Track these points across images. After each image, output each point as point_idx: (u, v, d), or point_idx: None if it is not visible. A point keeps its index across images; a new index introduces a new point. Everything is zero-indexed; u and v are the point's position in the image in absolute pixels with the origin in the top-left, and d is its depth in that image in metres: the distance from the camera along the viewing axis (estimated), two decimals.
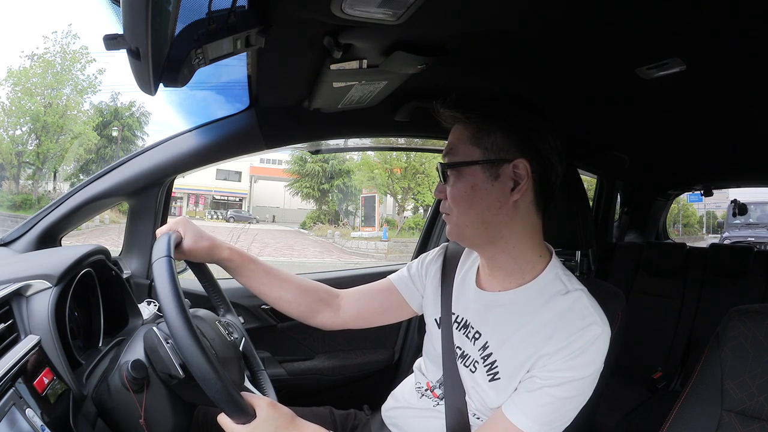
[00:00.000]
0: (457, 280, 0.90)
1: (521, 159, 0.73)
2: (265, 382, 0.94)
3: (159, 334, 0.73)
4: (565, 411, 0.72)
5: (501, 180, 0.73)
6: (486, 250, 0.80)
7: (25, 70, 14.77)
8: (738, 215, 3.71)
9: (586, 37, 0.93)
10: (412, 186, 16.87)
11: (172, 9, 0.60)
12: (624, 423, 1.67)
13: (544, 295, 0.76)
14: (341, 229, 17.20)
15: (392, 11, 0.76)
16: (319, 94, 1.11)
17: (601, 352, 0.72)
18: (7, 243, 1.13)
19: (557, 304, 0.74)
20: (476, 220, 0.75)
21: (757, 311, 0.84)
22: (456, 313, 0.86)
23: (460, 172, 0.75)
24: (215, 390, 0.63)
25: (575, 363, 0.70)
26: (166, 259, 0.71)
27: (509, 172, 0.73)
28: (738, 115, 1.40)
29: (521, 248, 0.77)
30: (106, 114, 17.38)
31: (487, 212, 0.74)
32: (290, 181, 21.04)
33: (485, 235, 0.76)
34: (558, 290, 0.76)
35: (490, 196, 0.74)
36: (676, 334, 2.10)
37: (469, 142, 0.75)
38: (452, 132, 0.79)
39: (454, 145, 0.77)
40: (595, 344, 0.70)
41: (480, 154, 0.74)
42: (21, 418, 0.60)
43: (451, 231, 0.78)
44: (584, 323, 0.71)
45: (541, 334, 0.72)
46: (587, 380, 0.71)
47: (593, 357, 0.71)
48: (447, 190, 0.76)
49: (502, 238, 0.76)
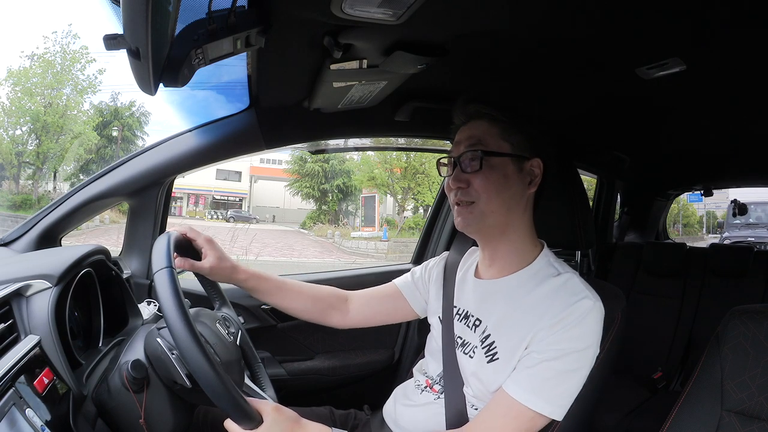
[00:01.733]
0: (458, 278, 0.95)
1: (536, 158, 0.83)
2: (263, 376, 0.94)
3: (162, 344, 0.73)
4: (567, 386, 0.74)
5: (523, 174, 0.83)
6: (494, 238, 0.85)
7: (25, 70, 14.76)
8: (738, 215, 3.71)
9: (587, 37, 0.93)
10: (412, 186, 16.87)
11: (172, 9, 0.60)
12: (624, 423, 1.67)
13: (537, 278, 0.82)
14: (341, 229, 17.19)
15: (392, 11, 0.76)
16: (319, 94, 1.11)
17: (596, 326, 0.75)
18: (7, 243, 1.13)
19: (550, 284, 0.80)
20: (502, 207, 0.81)
21: (757, 311, 0.84)
22: (458, 306, 0.91)
23: (494, 163, 0.81)
24: (223, 399, 0.64)
25: (571, 334, 0.73)
26: (167, 270, 0.71)
27: (528, 169, 0.83)
28: (738, 115, 1.40)
29: (523, 238, 0.85)
30: (106, 114, 17.36)
31: (511, 200, 0.82)
32: (290, 181, 21.04)
33: (503, 224, 0.83)
34: (550, 273, 0.82)
35: (516, 186, 0.82)
36: (676, 334, 2.10)
37: (500, 137, 0.82)
38: (474, 126, 0.84)
39: (482, 137, 0.82)
40: (589, 317, 0.74)
41: (510, 149, 0.82)
42: (21, 418, 0.60)
43: (472, 219, 0.82)
44: (576, 298, 0.75)
45: (535, 312, 0.76)
46: (585, 353, 0.74)
47: (588, 330, 0.74)
48: (473, 179, 0.81)
49: (512, 227, 0.84)
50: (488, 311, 0.84)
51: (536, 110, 1.41)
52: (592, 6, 0.81)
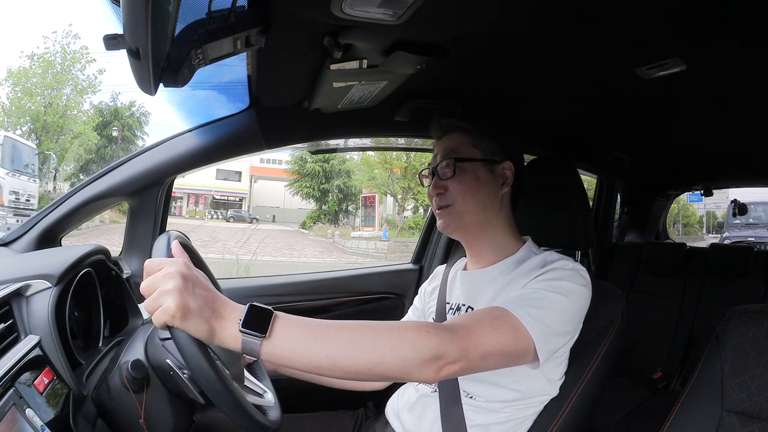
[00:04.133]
0: (450, 278, 1.01)
1: (508, 161, 0.93)
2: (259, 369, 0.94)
3: (172, 364, 0.74)
4: (551, 311, 0.74)
5: (495, 176, 0.92)
6: (475, 236, 0.93)
7: (25, 70, 14.77)
8: (738, 215, 3.71)
9: (587, 38, 0.93)
10: (412, 186, 16.86)
11: (172, 9, 0.60)
12: (624, 423, 1.67)
13: (520, 262, 0.89)
14: (341, 229, 17.20)
15: (392, 11, 0.76)
16: (319, 94, 1.11)
17: (579, 286, 0.78)
18: (7, 243, 1.13)
19: (531, 260, 0.87)
20: (477, 207, 0.90)
21: (757, 311, 0.84)
22: (450, 302, 0.96)
23: (466, 168, 0.90)
24: (237, 416, 0.64)
25: (554, 282, 0.77)
26: None
27: (500, 171, 0.92)
28: (738, 115, 1.40)
29: (504, 234, 0.93)
30: (106, 114, 17.36)
31: (486, 200, 0.90)
32: (290, 181, 21.04)
33: (481, 221, 0.91)
34: (532, 254, 0.90)
35: (489, 187, 0.91)
36: (676, 334, 2.10)
37: (471, 145, 0.92)
38: (449, 139, 0.94)
39: (455, 147, 0.92)
40: (571, 275, 0.79)
41: (481, 154, 0.92)
42: (21, 418, 0.60)
43: (451, 219, 0.91)
44: (555, 258, 0.84)
45: (518, 281, 0.82)
46: (570, 300, 0.76)
47: (571, 285, 0.77)
48: (449, 184, 0.90)
49: (490, 224, 0.92)
50: (477, 297, 0.89)
51: (536, 110, 1.41)
52: (592, 6, 0.81)
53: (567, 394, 0.85)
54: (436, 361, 0.63)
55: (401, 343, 0.63)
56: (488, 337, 0.68)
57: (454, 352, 0.64)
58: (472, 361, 0.66)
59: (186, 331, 0.58)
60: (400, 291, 1.72)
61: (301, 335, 0.61)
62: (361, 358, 0.61)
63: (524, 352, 0.71)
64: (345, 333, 0.63)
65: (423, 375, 0.63)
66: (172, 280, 0.58)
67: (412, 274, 1.78)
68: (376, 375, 0.63)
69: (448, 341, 0.64)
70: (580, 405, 0.85)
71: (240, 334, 0.59)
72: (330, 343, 0.61)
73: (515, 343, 0.70)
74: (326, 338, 0.61)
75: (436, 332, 0.65)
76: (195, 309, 0.58)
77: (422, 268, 1.80)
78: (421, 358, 0.62)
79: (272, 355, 0.59)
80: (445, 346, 0.64)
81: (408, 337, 0.63)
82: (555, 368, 0.83)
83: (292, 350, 0.60)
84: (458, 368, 0.65)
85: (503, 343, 0.69)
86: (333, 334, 0.62)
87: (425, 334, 0.64)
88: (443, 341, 0.64)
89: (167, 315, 0.57)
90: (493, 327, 0.69)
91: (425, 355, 0.62)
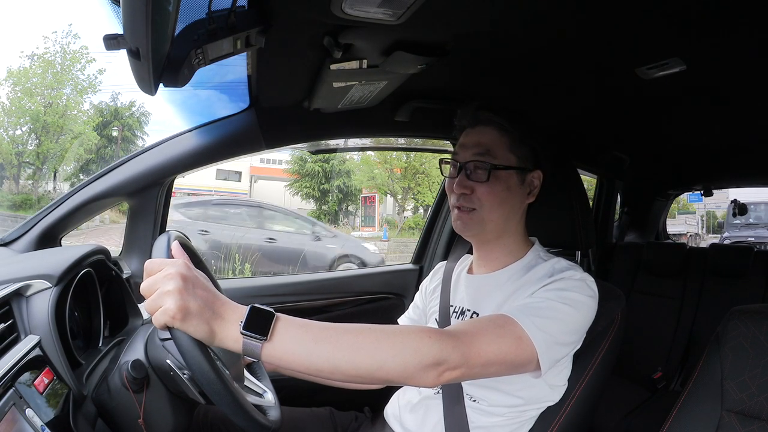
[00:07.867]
0: (453, 280, 0.98)
1: (538, 171, 0.88)
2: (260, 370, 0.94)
3: (173, 365, 0.73)
4: (557, 321, 0.73)
5: (524, 186, 0.87)
6: (490, 241, 0.90)
7: (25, 70, 14.74)
8: (738, 215, 3.71)
9: (587, 38, 0.93)
10: (412, 186, 16.86)
11: (172, 9, 0.60)
12: (624, 423, 1.67)
13: (527, 267, 0.87)
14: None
15: (392, 11, 0.76)
16: (319, 94, 1.11)
17: (586, 297, 0.76)
18: (7, 243, 1.13)
19: (539, 267, 0.85)
20: (502, 216, 0.86)
21: (757, 311, 0.84)
22: (453, 305, 0.93)
23: (500, 175, 0.84)
24: (238, 416, 0.63)
25: (562, 292, 0.75)
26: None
27: (529, 180, 0.87)
28: (738, 115, 1.40)
29: (516, 241, 0.90)
30: (106, 114, 17.33)
31: (511, 210, 0.87)
32: (290, 181, 21.03)
33: (501, 230, 0.88)
34: (540, 260, 0.87)
35: (517, 198, 0.86)
36: (676, 334, 2.10)
37: (508, 149, 0.85)
38: (483, 133, 0.86)
39: (491, 147, 0.84)
40: (579, 286, 0.77)
41: (516, 161, 0.85)
42: (21, 418, 0.60)
43: (473, 224, 0.85)
44: (564, 266, 0.81)
45: (525, 289, 0.80)
46: (576, 310, 0.75)
47: (579, 296, 0.76)
48: (478, 188, 0.84)
49: (507, 232, 0.89)
50: (483, 303, 0.87)
51: (536, 110, 1.41)
52: (592, 6, 0.81)
53: (567, 395, 0.85)
54: (437, 367, 0.63)
55: (403, 348, 0.62)
56: (491, 345, 0.68)
57: (456, 358, 0.64)
58: (473, 368, 0.66)
59: (186, 332, 0.58)
60: (400, 291, 1.72)
61: (302, 338, 0.61)
62: (363, 362, 0.61)
63: (527, 361, 0.71)
64: (346, 337, 0.62)
65: (423, 380, 0.63)
66: (172, 281, 0.58)
67: (412, 274, 1.78)
68: (376, 379, 0.63)
69: (450, 347, 0.64)
70: (581, 405, 0.85)
71: (241, 336, 0.58)
72: (331, 347, 0.61)
73: (518, 352, 0.69)
74: (327, 342, 0.61)
75: (438, 338, 0.64)
76: (195, 310, 0.58)
77: (422, 268, 1.80)
78: (422, 364, 0.62)
79: (273, 357, 0.59)
80: (447, 352, 0.64)
81: (410, 343, 0.63)
82: (557, 374, 0.83)
83: (292, 353, 0.60)
84: (459, 374, 0.65)
85: (505, 352, 0.69)
86: (334, 338, 0.62)
87: (427, 340, 0.63)
88: (445, 347, 0.64)
89: (167, 316, 0.57)
90: (497, 335, 0.69)
91: (426, 360, 0.62)
